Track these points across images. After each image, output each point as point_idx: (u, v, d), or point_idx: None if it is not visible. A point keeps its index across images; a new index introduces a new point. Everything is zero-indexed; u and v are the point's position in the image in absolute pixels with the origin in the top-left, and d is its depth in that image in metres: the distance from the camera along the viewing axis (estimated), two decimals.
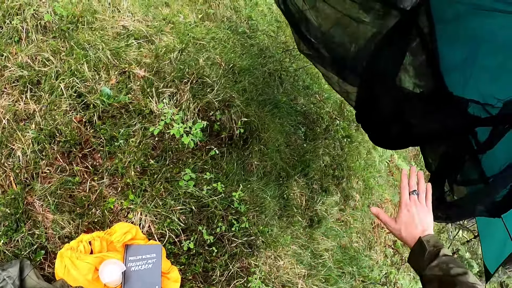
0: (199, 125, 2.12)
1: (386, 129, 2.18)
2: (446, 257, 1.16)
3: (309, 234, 3.24)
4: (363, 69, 2.18)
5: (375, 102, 2.24)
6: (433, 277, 1.14)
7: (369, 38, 2.03)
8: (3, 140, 2.11)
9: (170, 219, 2.31)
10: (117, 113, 2.45)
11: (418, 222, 1.29)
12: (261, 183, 2.97)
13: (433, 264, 1.15)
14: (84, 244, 1.98)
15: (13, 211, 1.98)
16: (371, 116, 2.30)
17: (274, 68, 3.73)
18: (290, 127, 3.57)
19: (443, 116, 1.79)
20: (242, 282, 2.47)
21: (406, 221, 1.31)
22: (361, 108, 2.45)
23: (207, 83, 2.89)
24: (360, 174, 4.20)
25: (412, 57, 1.89)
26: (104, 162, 2.31)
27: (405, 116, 2.04)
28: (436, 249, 1.18)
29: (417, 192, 1.37)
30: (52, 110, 2.28)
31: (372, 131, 2.41)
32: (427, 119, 1.85)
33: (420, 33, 1.78)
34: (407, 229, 1.29)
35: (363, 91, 2.31)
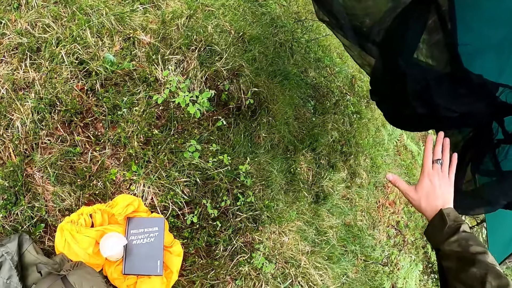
0: (206, 95, 2.01)
1: (404, 109, 2.06)
2: (466, 234, 1.12)
3: (314, 210, 3.18)
4: (380, 41, 2.05)
5: (392, 78, 2.12)
6: (451, 252, 1.11)
7: (387, 10, 1.91)
8: (2, 111, 2.02)
9: (173, 192, 2.24)
10: (121, 80, 2.35)
11: (439, 193, 1.24)
12: (268, 156, 2.89)
13: (452, 239, 1.12)
14: (85, 217, 1.92)
15: (12, 184, 1.91)
16: (388, 93, 2.17)
17: (285, 38, 3.59)
18: (300, 100, 3.46)
19: (467, 100, 1.67)
20: (245, 258, 2.42)
21: (427, 191, 1.25)
22: (377, 84, 2.33)
23: (215, 51, 2.77)
24: (368, 151, 4.11)
25: (427, 35, 1.77)
26: (106, 132, 2.22)
27: (425, 97, 1.92)
28: (457, 223, 1.14)
29: (441, 161, 1.30)
30: (53, 78, 2.17)
31: (388, 110, 2.29)
32: (450, 101, 1.73)
33: (438, 10, 1.64)
34: (428, 200, 1.24)
35: (380, 65, 2.18)
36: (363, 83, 4.46)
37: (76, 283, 1.63)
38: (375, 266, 3.70)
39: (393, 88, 2.04)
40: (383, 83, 2.26)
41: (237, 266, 2.41)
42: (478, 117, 1.73)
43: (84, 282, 1.64)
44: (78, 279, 1.65)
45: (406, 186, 1.31)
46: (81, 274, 1.68)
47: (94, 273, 1.74)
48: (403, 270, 4.11)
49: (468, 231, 1.13)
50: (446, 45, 1.71)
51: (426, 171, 1.28)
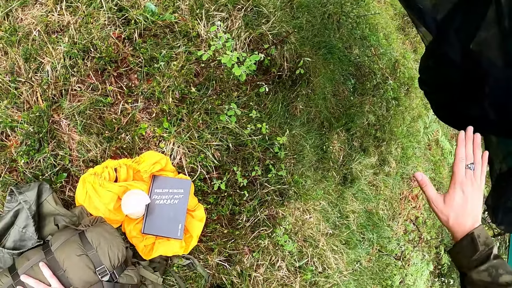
0: (255, 57, 1.87)
1: (457, 106, 1.89)
2: (497, 261, 1.02)
3: (340, 192, 3.07)
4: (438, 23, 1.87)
5: (446, 67, 1.94)
6: (480, 282, 1.02)
7: None
8: (32, 53, 1.92)
9: (204, 154, 2.15)
10: (161, 32, 2.23)
11: (470, 208, 1.10)
12: (303, 130, 2.77)
13: (482, 268, 1.02)
14: (109, 170, 1.86)
15: (37, 130, 1.84)
16: (443, 85, 2.00)
17: (334, 10, 3.40)
18: (340, 77, 3.30)
19: None
20: (267, 232, 2.35)
21: (458, 206, 1.11)
22: (428, 73, 2.15)
23: (262, 13, 2.61)
24: (401, 140, 3.95)
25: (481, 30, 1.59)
26: (140, 84, 2.12)
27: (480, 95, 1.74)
28: (488, 249, 1.04)
29: (474, 165, 1.16)
30: (89, 23, 2.06)
31: (440, 104, 2.11)
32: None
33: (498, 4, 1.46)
34: (457, 216, 1.10)
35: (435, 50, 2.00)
36: (406, 69, 4.24)
37: (93, 241, 1.57)
38: (388, 258, 3.62)
39: (450, 80, 1.87)
40: (438, 72, 2.08)
41: (258, 238, 2.34)
42: None
43: (102, 241, 1.59)
44: (96, 237, 1.59)
45: (434, 194, 1.16)
46: (99, 232, 1.62)
47: (114, 232, 1.68)
48: (414, 267, 4.02)
49: (498, 255, 1.03)
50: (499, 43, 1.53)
51: (458, 180, 1.14)
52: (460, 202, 1.11)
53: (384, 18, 4.28)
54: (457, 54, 1.82)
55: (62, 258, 1.51)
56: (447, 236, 5.04)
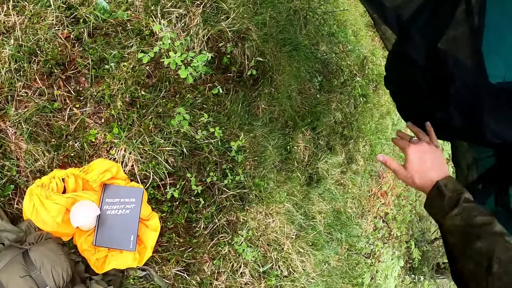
0: (202, 58, 1.78)
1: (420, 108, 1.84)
2: (468, 204, 1.03)
3: (305, 192, 3.02)
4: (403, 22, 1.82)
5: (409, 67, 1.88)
6: (454, 227, 1.02)
7: None
8: None
9: (156, 160, 2.05)
10: (112, 31, 2.11)
11: (430, 164, 1.17)
12: (265, 130, 2.69)
13: (453, 212, 1.03)
14: (57, 181, 1.77)
15: None
16: (409, 86, 1.94)
17: (300, 6, 3.32)
18: (306, 74, 3.23)
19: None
20: (227, 239, 2.27)
21: (417, 166, 1.18)
22: (394, 71, 2.09)
23: (222, 9, 2.51)
24: (369, 138, 3.93)
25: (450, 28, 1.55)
26: (89, 88, 2.00)
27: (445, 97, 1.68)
28: (456, 194, 1.06)
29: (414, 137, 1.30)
30: (35, 23, 1.93)
31: (405, 106, 2.06)
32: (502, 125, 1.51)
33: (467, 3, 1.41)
34: (420, 175, 1.16)
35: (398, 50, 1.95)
36: (375, 66, 4.22)
37: (37, 261, 1.53)
38: (357, 257, 3.61)
39: (414, 81, 1.81)
40: (401, 72, 2.02)
41: (217, 246, 2.27)
42: None
43: (45, 260, 1.54)
44: (39, 257, 1.54)
45: (396, 166, 1.23)
46: (42, 251, 1.57)
47: (58, 250, 1.62)
48: (384, 264, 4.04)
49: (470, 199, 1.04)
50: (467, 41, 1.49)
51: (409, 148, 1.21)
52: (417, 161, 1.18)
53: (353, 15, 4.23)
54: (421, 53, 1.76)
55: (6, 280, 1.47)
56: (417, 230, 5.10)
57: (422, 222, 5.29)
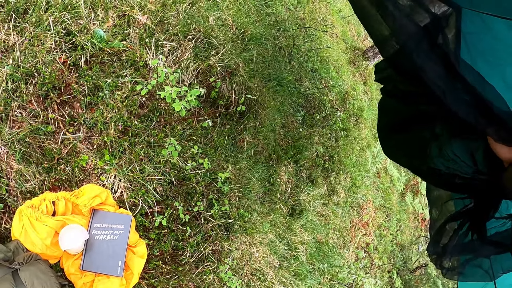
0: (196, 92, 1.86)
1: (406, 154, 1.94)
2: None
3: (288, 223, 3.08)
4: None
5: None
6: None
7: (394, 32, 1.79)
8: None
9: (145, 188, 2.09)
10: (108, 59, 2.19)
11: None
12: (249, 162, 2.77)
13: None
14: (47, 203, 1.79)
15: None
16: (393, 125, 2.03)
17: (286, 43, 3.48)
18: (290, 108, 3.35)
19: None
20: (212, 268, 2.30)
21: None
22: None
23: (213, 45, 2.63)
24: (350, 170, 4.03)
25: None
26: (83, 113, 2.05)
27: None
28: None
29: None
30: (35, 45, 2.00)
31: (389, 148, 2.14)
32: None
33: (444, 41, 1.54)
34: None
35: None
36: (355, 101, 4.39)
37: (26, 281, 1.53)
38: (340, 287, 3.63)
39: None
40: None
41: (202, 274, 2.29)
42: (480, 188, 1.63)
43: (35, 281, 1.54)
44: (29, 277, 1.54)
45: None
46: (33, 272, 1.57)
47: (48, 271, 1.63)
48: None
49: None
50: None
51: None
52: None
53: (335, 52, 4.43)
54: None
55: None
56: (399, 259, 5.15)
57: (404, 251, 5.36)
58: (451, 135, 1.64)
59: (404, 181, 5.36)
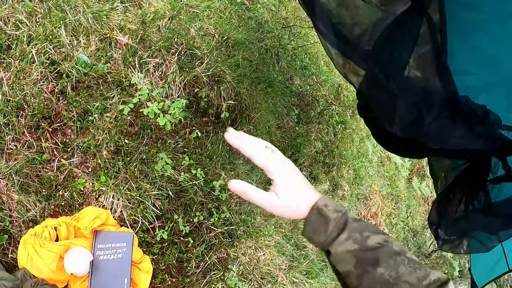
0: (177, 104, 1.88)
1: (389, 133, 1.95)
2: (357, 224, 0.83)
3: (293, 223, 3.08)
4: (369, 53, 1.94)
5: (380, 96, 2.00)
6: (347, 254, 0.80)
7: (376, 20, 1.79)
8: None
9: (144, 205, 2.12)
10: (94, 83, 2.21)
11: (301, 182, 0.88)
12: (247, 167, 2.78)
13: (343, 237, 0.81)
14: (50, 229, 1.82)
15: None
16: (376, 112, 2.06)
17: (271, 44, 3.49)
18: (283, 108, 3.36)
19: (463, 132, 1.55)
20: (219, 276, 2.31)
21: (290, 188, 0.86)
22: (364, 100, 2.21)
23: (196, 55, 2.65)
24: (352, 163, 4.04)
25: (416, 47, 1.65)
26: (75, 139, 2.08)
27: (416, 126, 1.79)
28: (342, 215, 0.83)
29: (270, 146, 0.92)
30: (21, 79, 2.03)
31: (376, 130, 2.18)
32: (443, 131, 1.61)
33: (429, 21, 1.54)
34: (295, 198, 0.85)
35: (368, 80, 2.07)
36: (349, 93, 4.38)
37: None
38: None
39: (381, 108, 1.93)
40: (371, 100, 2.14)
41: (210, 283, 2.30)
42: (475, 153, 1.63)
43: None
44: None
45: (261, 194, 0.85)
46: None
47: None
48: None
49: (356, 218, 0.85)
50: (434, 57, 1.61)
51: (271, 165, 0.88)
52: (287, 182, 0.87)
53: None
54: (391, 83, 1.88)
55: None
56: (413, 245, 5.13)
57: (417, 237, 5.33)
58: None
59: (408, 166, 5.35)
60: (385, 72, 1.88)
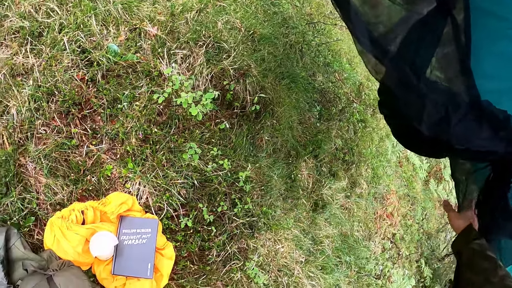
0: (210, 96, 1.91)
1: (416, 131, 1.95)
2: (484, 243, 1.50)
3: (312, 218, 3.10)
4: (394, 51, 1.94)
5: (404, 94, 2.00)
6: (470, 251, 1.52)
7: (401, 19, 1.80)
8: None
9: (169, 193, 2.16)
10: (123, 72, 2.26)
11: None
12: (269, 161, 2.81)
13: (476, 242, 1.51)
14: (76, 213, 1.85)
15: (3, 174, 1.83)
16: (398, 110, 2.06)
17: (296, 40, 3.50)
18: (305, 104, 3.37)
19: (487, 135, 1.57)
20: (239, 265, 2.35)
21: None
22: (387, 97, 2.21)
23: (223, 49, 2.68)
24: (370, 161, 4.03)
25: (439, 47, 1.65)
26: (104, 126, 2.13)
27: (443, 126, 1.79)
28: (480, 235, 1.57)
29: None
30: (52, 65, 2.08)
31: (397, 128, 2.17)
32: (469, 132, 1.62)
33: (453, 21, 1.53)
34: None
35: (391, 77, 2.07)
36: (371, 91, 4.37)
37: (61, 285, 1.57)
38: (368, 279, 3.63)
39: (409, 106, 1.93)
40: (393, 97, 2.14)
41: (230, 272, 2.34)
42: (498, 155, 1.63)
43: (70, 285, 1.59)
44: (64, 281, 1.59)
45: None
46: (67, 276, 1.62)
47: (81, 275, 1.68)
48: (395, 284, 4.04)
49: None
50: (458, 58, 1.60)
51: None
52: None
53: (346, 44, 4.42)
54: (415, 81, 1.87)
55: None
56: (427, 248, 5.09)
57: (431, 240, 5.29)
58: None
59: (426, 168, 5.30)
60: (413, 71, 1.88)
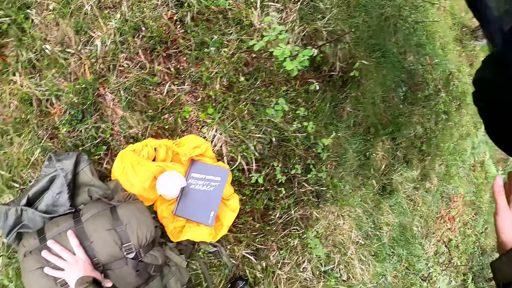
0: (309, 52, 1.78)
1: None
2: None
3: (377, 201, 2.96)
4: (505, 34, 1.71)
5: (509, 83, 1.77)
6: None
7: None
8: (83, 27, 1.93)
9: (245, 145, 2.10)
10: (213, 17, 2.19)
11: None
12: (348, 133, 2.68)
13: None
14: (149, 149, 1.84)
15: (81, 101, 1.86)
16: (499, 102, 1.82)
17: (391, 13, 3.26)
18: (392, 83, 3.16)
19: None
20: (299, 232, 2.28)
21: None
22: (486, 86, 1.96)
23: (318, 8, 2.53)
24: (446, 158, 3.77)
25: None
26: (189, 67, 2.09)
27: None
28: None
29: None
30: (142, 1, 2.05)
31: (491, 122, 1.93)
32: None
33: None
34: None
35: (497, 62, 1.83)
36: (460, 83, 4.04)
37: (124, 217, 1.57)
38: (414, 277, 3.46)
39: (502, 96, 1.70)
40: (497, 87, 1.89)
41: (288, 237, 2.29)
42: None
43: (132, 219, 1.58)
44: (127, 214, 1.58)
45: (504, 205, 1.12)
46: (131, 210, 1.61)
47: (145, 210, 1.67)
48: None
49: None
50: None
51: None
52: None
53: (442, 27, 4.09)
54: None
55: (91, 229, 1.52)
56: (477, 264, 4.80)
57: (484, 257, 4.97)
58: None
59: None
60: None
